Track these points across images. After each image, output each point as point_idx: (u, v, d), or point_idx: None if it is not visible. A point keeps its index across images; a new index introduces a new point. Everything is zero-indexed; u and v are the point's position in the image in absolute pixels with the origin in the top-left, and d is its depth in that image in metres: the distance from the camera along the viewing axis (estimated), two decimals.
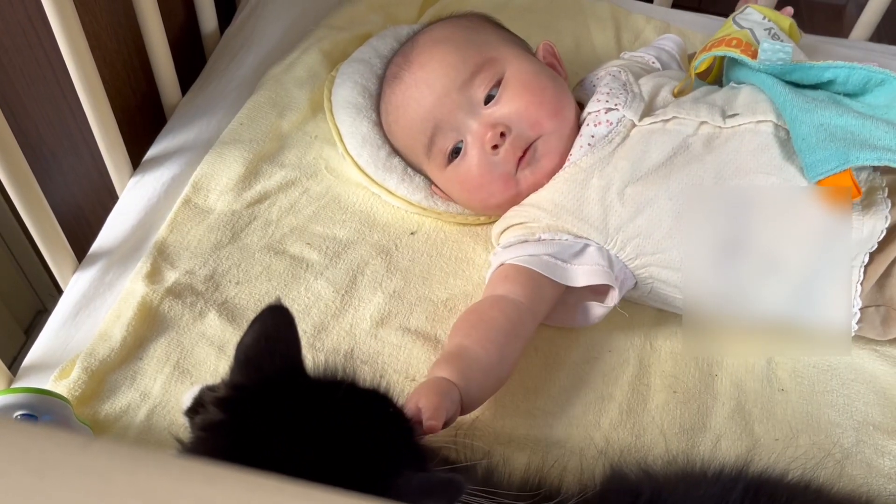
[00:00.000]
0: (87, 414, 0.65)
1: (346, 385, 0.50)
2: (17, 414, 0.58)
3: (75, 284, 0.77)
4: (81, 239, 0.84)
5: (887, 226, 0.69)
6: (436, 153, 0.79)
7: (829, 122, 0.69)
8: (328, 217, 0.83)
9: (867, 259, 0.70)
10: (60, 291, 0.78)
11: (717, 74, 0.88)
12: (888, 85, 0.73)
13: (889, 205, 0.69)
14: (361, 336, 0.73)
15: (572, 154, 0.76)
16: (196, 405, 0.51)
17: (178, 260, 0.77)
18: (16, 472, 0.19)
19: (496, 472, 0.58)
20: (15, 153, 0.69)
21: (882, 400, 0.72)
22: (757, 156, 0.71)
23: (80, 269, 0.78)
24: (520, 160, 0.76)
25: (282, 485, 0.20)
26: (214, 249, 0.79)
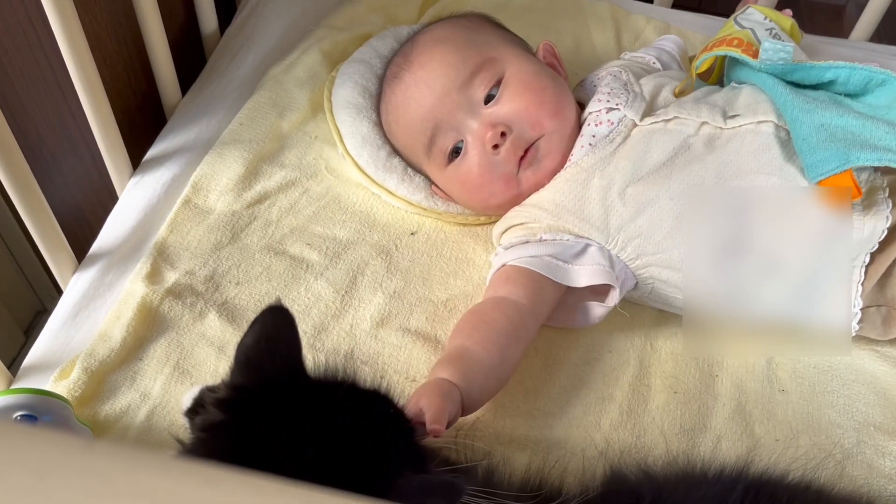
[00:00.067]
0: (86, 414, 0.65)
1: (346, 386, 0.50)
2: (16, 415, 0.58)
3: (75, 285, 0.77)
4: (81, 239, 0.84)
5: (888, 226, 0.69)
6: (436, 153, 0.79)
7: (829, 123, 0.69)
8: (328, 217, 0.83)
9: (868, 259, 0.70)
10: (60, 292, 0.78)
11: (719, 75, 0.88)
12: (889, 85, 0.73)
13: (890, 205, 0.69)
14: (361, 336, 0.73)
15: (573, 154, 0.76)
16: (196, 406, 0.51)
17: (178, 260, 0.77)
18: (16, 473, 0.18)
19: (496, 472, 0.58)
20: (15, 154, 0.69)
21: (883, 400, 0.72)
22: (758, 156, 0.71)
23: (80, 270, 0.78)
24: (521, 160, 0.76)
25: (283, 487, 0.20)
26: (214, 250, 0.79)
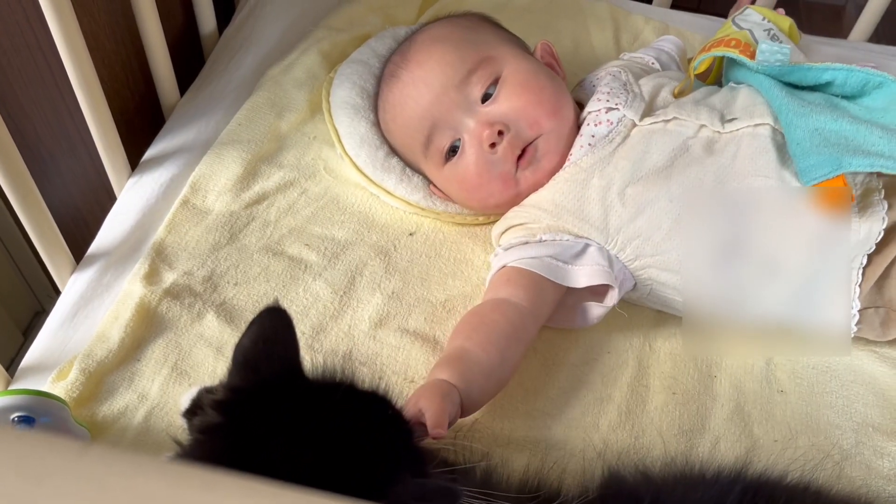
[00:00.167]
0: (84, 415, 0.65)
1: (344, 387, 0.50)
2: (14, 416, 0.58)
3: (73, 285, 0.77)
4: (79, 240, 0.84)
5: (884, 227, 0.69)
6: (433, 152, 0.79)
7: (823, 127, 0.69)
8: (327, 218, 0.83)
9: (865, 261, 0.70)
10: (58, 292, 0.78)
11: (717, 75, 0.88)
12: (886, 88, 0.73)
13: (885, 206, 0.69)
14: (360, 337, 0.73)
15: (572, 154, 0.76)
16: (194, 407, 0.51)
17: (177, 261, 0.77)
18: (11, 478, 0.18)
19: (495, 473, 0.58)
20: (12, 154, 0.69)
21: (881, 401, 0.72)
22: (755, 159, 0.71)
23: (78, 271, 0.78)
24: (519, 160, 0.76)
25: (280, 491, 0.20)
26: (213, 250, 0.78)
